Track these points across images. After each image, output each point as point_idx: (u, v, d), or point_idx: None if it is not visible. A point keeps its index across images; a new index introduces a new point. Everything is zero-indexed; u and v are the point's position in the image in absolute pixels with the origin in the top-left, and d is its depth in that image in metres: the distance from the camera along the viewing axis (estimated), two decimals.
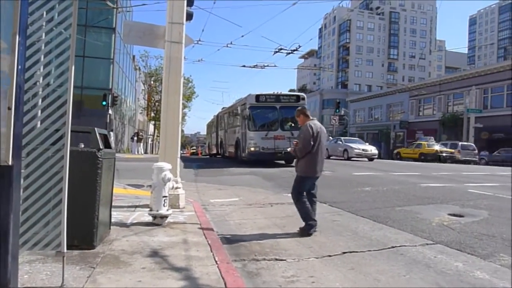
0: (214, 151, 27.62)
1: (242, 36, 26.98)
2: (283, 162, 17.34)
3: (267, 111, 16.86)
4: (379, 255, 4.20)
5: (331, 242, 4.73)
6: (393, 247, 4.50)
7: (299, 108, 5.84)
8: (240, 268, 3.69)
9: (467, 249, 4.37)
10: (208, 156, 32.56)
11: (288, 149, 5.72)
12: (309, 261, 4.01)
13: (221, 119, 24.92)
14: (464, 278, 3.51)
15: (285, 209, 6.95)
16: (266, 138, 15.64)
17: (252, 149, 15.82)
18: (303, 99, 17.07)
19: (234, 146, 19.05)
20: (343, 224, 5.76)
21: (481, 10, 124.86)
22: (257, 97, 16.46)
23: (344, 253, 4.28)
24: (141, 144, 32.33)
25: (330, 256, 4.17)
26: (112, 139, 27.51)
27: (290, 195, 7.90)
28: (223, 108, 25.95)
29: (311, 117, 5.52)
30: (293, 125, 15.78)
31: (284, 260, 4.00)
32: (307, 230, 5.08)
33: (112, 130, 30.23)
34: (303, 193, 5.26)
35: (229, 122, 21.75)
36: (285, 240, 4.84)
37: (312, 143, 5.15)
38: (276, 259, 4.01)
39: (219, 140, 25.11)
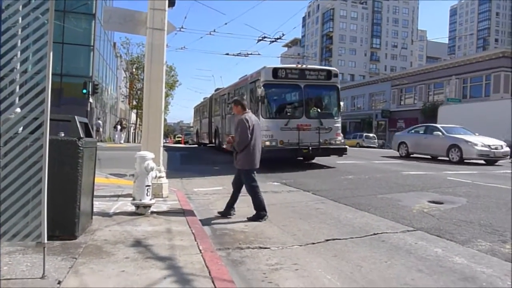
0: (206, 141, 23.08)
1: (226, 23, 26.66)
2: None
3: (288, 91, 12.82)
4: (361, 242, 4.27)
5: (315, 230, 4.78)
6: (375, 234, 4.58)
7: (236, 98, 5.87)
8: (224, 256, 3.70)
9: (446, 235, 4.48)
10: (196, 145, 28.74)
11: (224, 146, 5.48)
12: (293, 248, 4.05)
13: (217, 102, 19.87)
14: (443, 263, 3.61)
15: (269, 197, 6.97)
16: (286, 128, 11.45)
17: (268, 143, 11.13)
18: (336, 75, 12.64)
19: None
20: (326, 212, 5.82)
21: (462, 1, 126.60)
22: (275, 71, 11.84)
23: (327, 240, 4.33)
24: (124, 133, 31.60)
25: (313, 243, 4.22)
26: (101, 129, 27.00)
27: (274, 183, 7.98)
28: (217, 89, 20.90)
29: (247, 109, 5.59)
30: (320, 111, 12.41)
31: (268, 248, 4.03)
32: (257, 218, 5.26)
33: (99, 119, 29.69)
34: (256, 183, 5.39)
35: (230, 105, 15.94)
36: (269, 228, 4.87)
37: (249, 136, 5.27)
38: (260, 247, 4.04)
39: (213, 128, 20.49)
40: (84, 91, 23.28)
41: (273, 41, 18.76)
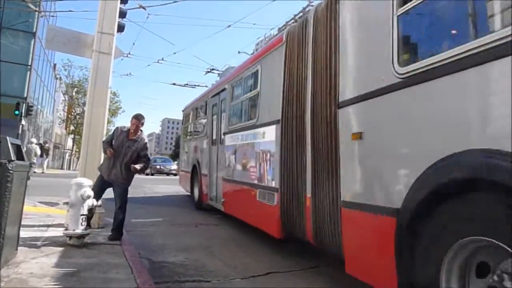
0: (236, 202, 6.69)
1: (174, 53, 26.71)
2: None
3: None
4: (302, 275, 4.31)
5: (256, 262, 4.76)
6: (316, 266, 4.65)
7: (141, 114, 5.62)
8: None
9: None
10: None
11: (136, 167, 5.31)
12: (234, 282, 3.98)
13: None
14: None
15: (211, 229, 6.87)
16: None
17: None
18: None
19: None
20: (268, 245, 5.82)
21: None
22: None
23: (269, 273, 4.32)
24: (47, 158, 26.10)
25: (254, 276, 4.18)
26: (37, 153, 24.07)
27: (217, 216, 7.89)
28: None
29: None
30: None
31: (209, 281, 3.93)
32: (120, 236, 5.32)
33: (45, 143, 27.13)
34: None
35: None
36: (210, 261, 4.76)
37: None
38: (201, 281, 3.92)
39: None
40: (17, 112, 21.78)
41: (221, 74, 19.08)
